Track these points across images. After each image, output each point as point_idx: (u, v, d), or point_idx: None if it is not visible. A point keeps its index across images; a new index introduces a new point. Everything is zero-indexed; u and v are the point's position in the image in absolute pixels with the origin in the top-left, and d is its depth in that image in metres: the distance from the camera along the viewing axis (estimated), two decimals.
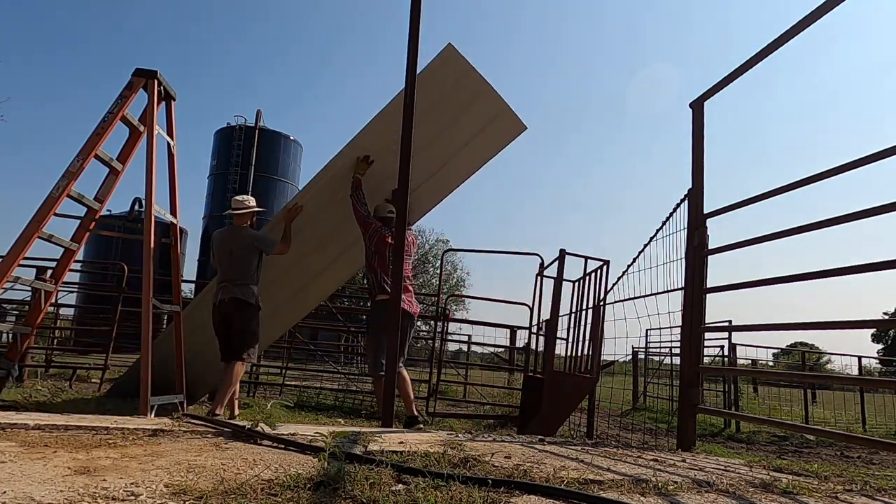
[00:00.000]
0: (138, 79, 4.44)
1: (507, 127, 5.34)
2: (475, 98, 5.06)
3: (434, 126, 5.02)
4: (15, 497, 1.60)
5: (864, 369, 13.99)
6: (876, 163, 2.92)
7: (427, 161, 5.18)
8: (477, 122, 5.21)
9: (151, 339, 4.03)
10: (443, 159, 5.38)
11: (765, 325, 3.81)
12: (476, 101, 5.08)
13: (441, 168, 5.46)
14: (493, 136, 5.37)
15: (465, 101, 5.07)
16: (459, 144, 5.34)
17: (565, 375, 6.00)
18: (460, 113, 5.14)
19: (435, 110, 4.92)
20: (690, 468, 2.77)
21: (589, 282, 6.08)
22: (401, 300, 4.06)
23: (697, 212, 4.21)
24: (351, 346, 15.39)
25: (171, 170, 4.87)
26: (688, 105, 4.36)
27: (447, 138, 5.26)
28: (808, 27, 3.35)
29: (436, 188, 5.64)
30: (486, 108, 5.16)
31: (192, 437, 2.75)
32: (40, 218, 3.96)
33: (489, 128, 5.28)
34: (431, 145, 5.14)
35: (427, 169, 5.30)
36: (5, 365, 4.31)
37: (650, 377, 12.65)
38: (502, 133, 5.39)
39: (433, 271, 45.07)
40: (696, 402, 4.05)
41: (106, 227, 14.45)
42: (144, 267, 4.14)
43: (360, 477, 1.99)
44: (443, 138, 5.22)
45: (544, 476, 2.26)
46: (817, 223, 3.23)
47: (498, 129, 5.32)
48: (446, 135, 5.23)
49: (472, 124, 5.22)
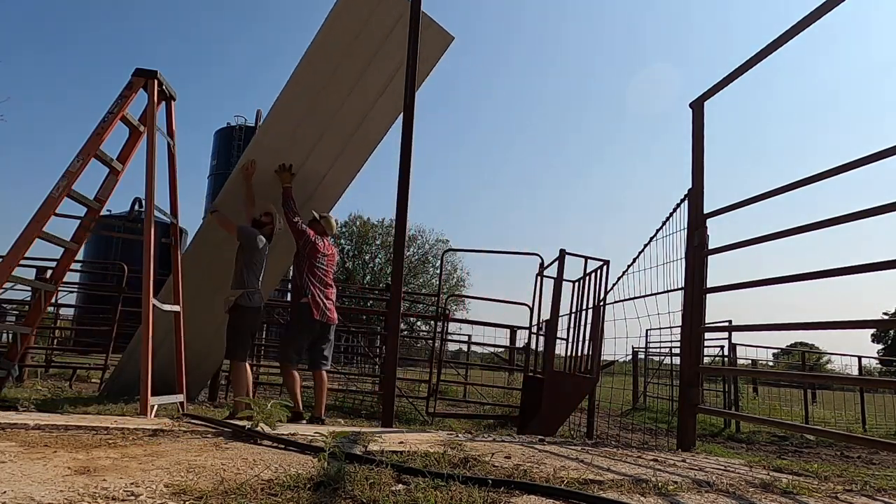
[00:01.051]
0: (138, 79, 4.44)
1: (434, 42, 5.12)
2: (398, 20, 4.88)
3: (362, 60, 4.95)
4: (15, 497, 1.60)
5: (864, 369, 13.99)
6: (876, 163, 2.93)
7: (363, 95, 5.10)
8: (404, 45, 4.90)
9: (151, 339, 4.03)
10: (378, 90, 5.20)
11: (765, 325, 3.81)
12: (399, 22, 4.88)
13: (378, 98, 5.25)
14: (423, 56, 4.98)
15: (388, 26, 4.92)
16: (391, 72, 5.13)
17: (565, 375, 6.00)
18: (384, 39, 4.98)
19: (360, 41, 4.85)
20: (690, 468, 2.77)
21: (589, 282, 6.08)
22: (400, 300, 4.07)
23: (697, 212, 4.21)
24: (351, 346, 15.40)
25: (171, 170, 4.87)
26: (688, 105, 4.36)
27: (378, 69, 5.09)
28: (808, 27, 3.35)
29: (378, 123, 5.41)
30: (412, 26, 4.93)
31: (192, 437, 2.75)
32: (40, 218, 3.96)
33: (418, 48, 4.95)
34: (364, 80, 5.04)
35: (362, 107, 5.19)
36: (5, 365, 4.31)
37: (650, 377, 12.65)
38: (430, 50, 5.11)
39: (433, 271, 45.09)
40: (696, 402, 4.05)
41: (106, 227, 14.45)
42: (144, 267, 4.13)
43: (360, 477, 1.99)
44: (373, 69, 5.08)
45: (544, 476, 2.26)
46: (817, 223, 3.23)
47: (425, 46, 4.98)
48: (376, 65, 5.07)
49: (400, 48, 4.92)
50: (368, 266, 45.69)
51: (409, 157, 4.31)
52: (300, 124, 5.14)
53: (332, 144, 5.32)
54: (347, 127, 5.30)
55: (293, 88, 4.99)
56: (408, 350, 19.12)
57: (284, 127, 5.12)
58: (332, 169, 5.48)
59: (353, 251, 45.83)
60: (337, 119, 5.22)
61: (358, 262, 45.56)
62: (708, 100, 4.25)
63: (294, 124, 5.12)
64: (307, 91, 5.02)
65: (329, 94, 5.09)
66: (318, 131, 5.22)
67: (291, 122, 5.11)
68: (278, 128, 5.14)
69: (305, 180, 5.36)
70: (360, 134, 5.37)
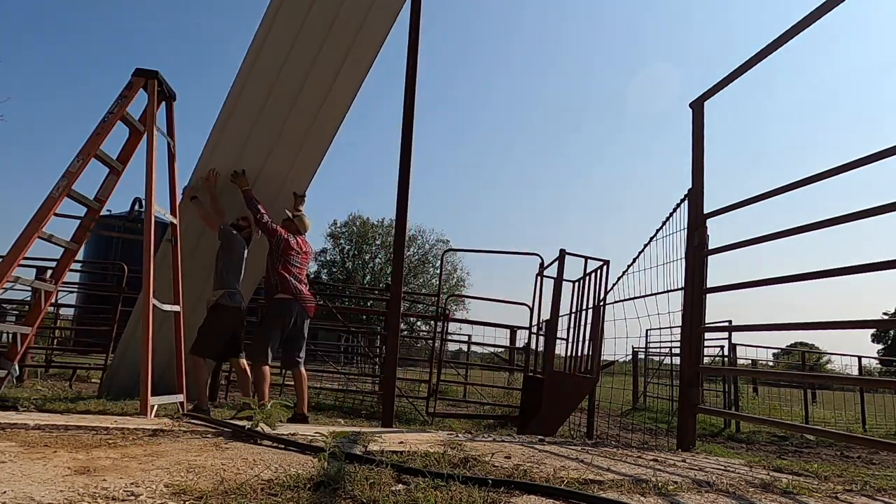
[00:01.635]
0: (138, 79, 4.44)
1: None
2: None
3: (323, 24, 4.88)
4: (15, 497, 1.59)
5: (864, 369, 13.99)
6: (876, 163, 2.93)
7: (328, 60, 5.03)
8: (359, 11, 4.90)
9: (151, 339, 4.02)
10: (342, 53, 5.09)
11: (765, 325, 3.81)
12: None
13: (344, 61, 5.13)
14: (380, 13, 4.98)
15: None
16: (353, 31, 5.02)
17: (565, 375, 6.00)
18: (338, 8, 4.90)
19: (311, 19, 4.80)
20: (690, 468, 2.77)
21: (589, 282, 6.08)
22: (400, 300, 4.07)
23: (697, 212, 4.21)
24: (351, 346, 15.40)
25: (171, 170, 4.87)
26: (688, 105, 4.37)
27: (339, 32, 4.98)
28: (808, 27, 3.35)
29: (346, 87, 5.25)
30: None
31: (192, 437, 2.75)
32: (40, 218, 3.95)
33: (375, 4, 4.96)
34: (327, 44, 4.97)
35: (332, 67, 5.09)
36: (5, 365, 4.31)
37: (650, 377, 12.64)
38: (387, 6, 5.00)
39: (433, 271, 45.10)
40: (696, 402, 4.05)
41: (106, 227, 14.43)
42: (144, 267, 4.13)
43: (360, 477, 1.99)
44: (334, 33, 4.97)
45: (544, 476, 2.27)
46: (817, 223, 3.23)
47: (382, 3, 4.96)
48: (337, 28, 4.97)
49: (355, 15, 4.89)
50: (368, 266, 45.69)
51: (409, 157, 4.32)
52: (259, 117, 5.09)
53: (296, 130, 5.22)
54: (307, 113, 5.20)
55: (247, 81, 4.94)
56: (408, 350, 19.14)
57: (242, 124, 5.08)
58: (297, 157, 5.37)
59: (353, 251, 45.84)
60: (298, 105, 5.14)
61: (358, 262, 45.56)
62: (708, 100, 4.25)
63: (252, 119, 5.09)
64: (261, 86, 4.98)
65: (285, 79, 5.01)
66: (278, 124, 5.16)
67: (250, 117, 5.08)
68: (235, 124, 5.10)
69: (272, 175, 5.32)
70: (325, 111, 5.24)
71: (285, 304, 4.86)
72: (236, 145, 5.15)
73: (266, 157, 5.26)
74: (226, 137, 5.12)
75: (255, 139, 5.18)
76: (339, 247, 46.18)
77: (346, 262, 45.37)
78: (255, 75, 4.96)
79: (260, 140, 5.19)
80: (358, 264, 45.47)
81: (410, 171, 4.44)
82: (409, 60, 4.47)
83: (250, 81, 4.98)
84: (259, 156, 5.23)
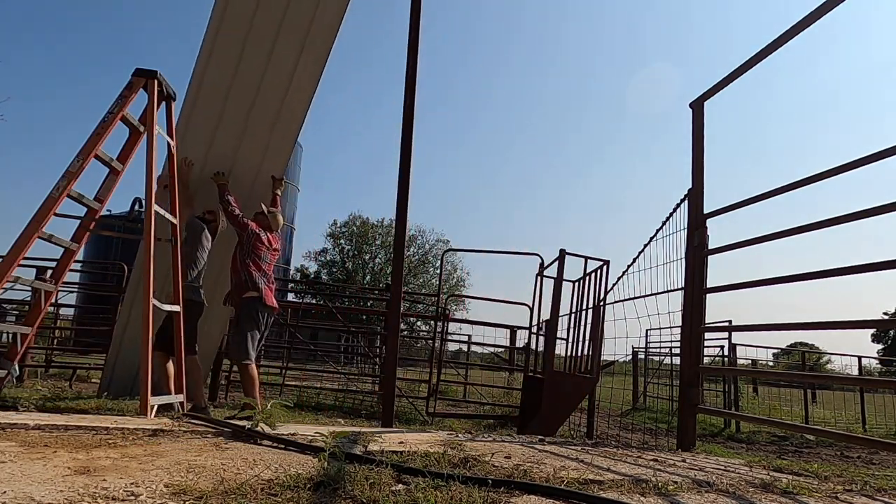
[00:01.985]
0: (138, 79, 4.43)
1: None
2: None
3: (277, 11, 4.82)
4: (15, 497, 1.59)
5: (864, 369, 13.99)
6: (876, 163, 2.93)
7: (286, 47, 4.96)
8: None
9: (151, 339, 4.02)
10: (300, 41, 5.00)
11: (765, 325, 3.81)
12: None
13: (301, 52, 5.06)
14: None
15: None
16: (306, 26, 4.93)
17: (565, 375, 6.00)
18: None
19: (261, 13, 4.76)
20: (690, 468, 2.77)
21: (589, 282, 6.08)
22: (400, 300, 4.07)
23: (697, 212, 4.21)
24: (351, 346, 15.40)
25: (171, 170, 4.87)
26: (688, 105, 4.37)
27: (294, 17, 4.90)
28: (807, 27, 3.35)
29: (308, 74, 5.17)
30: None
31: (192, 437, 2.75)
32: (40, 218, 3.95)
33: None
34: (281, 35, 4.91)
35: (292, 55, 5.02)
36: (5, 365, 4.31)
37: (650, 377, 12.65)
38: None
39: (433, 271, 45.10)
40: (696, 402, 4.05)
41: (106, 227, 14.44)
42: (144, 267, 4.14)
43: (360, 477, 1.99)
44: (289, 21, 4.90)
45: (544, 476, 2.27)
46: (817, 223, 3.23)
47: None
48: (291, 16, 4.90)
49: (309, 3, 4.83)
50: (368, 266, 45.70)
51: (409, 156, 4.32)
52: (224, 107, 5.06)
53: (260, 122, 5.18)
54: (270, 107, 5.14)
55: (206, 72, 4.93)
56: (408, 350, 19.14)
57: (208, 114, 5.05)
58: (268, 144, 5.31)
59: (353, 251, 45.84)
60: (261, 94, 5.08)
61: (358, 262, 45.56)
62: (708, 100, 4.25)
63: (218, 110, 5.06)
64: (222, 76, 4.96)
65: (244, 71, 4.96)
66: (242, 114, 5.12)
67: (215, 108, 5.05)
68: (201, 114, 5.07)
69: (246, 162, 5.28)
70: (287, 106, 5.19)
71: (258, 302, 4.84)
72: (206, 132, 5.09)
73: (238, 145, 5.18)
74: (193, 127, 5.08)
75: (223, 129, 5.12)
76: (339, 247, 46.19)
77: (346, 262, 45.36)
78: (214, 67, 4.90)
79: (229, 129, 5.13)
80: (358, 264, 45.47)
81: (410, 171, 4.44)
82: (409, 60, 4.47)
83: (209, 73, 4.93)
84: (230, 143, 5.16)
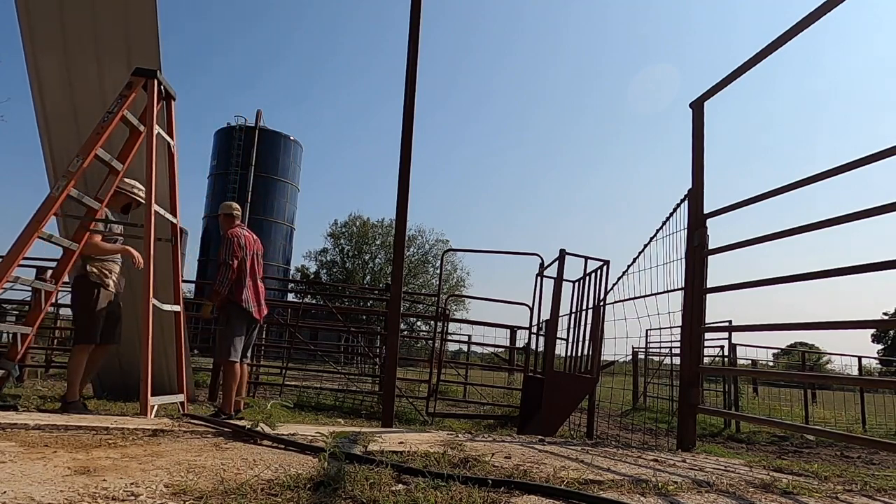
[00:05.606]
0: (138, 78, 4.43)
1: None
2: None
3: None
4: (15, 497, 1.59)
5: (864, 369, 14.00)
6: (876, 163, 2.93)
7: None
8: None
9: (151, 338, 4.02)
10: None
11: (765, 325, 3.81)
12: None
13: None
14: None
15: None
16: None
17: (565, 375, 6.00)
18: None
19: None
20: (690, 468, 2.77)
21: (589, 282, 6.08)
22: (400, 300, 4.07)
23: (697, 212, 4.21)
24: (351, 346, 15.40)
25: (170, 170, 4.86)
26: (688, 105, 4.37)
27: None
28: (807, 27, 3.35)
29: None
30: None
31: (192, 437, 2.75)
32: (40, 218, 3.95)
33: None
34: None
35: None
36: (5, 365, 4.30)
37: (650, 377, 12.65)
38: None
39: (433, 271, 45.12)
40: (696, 402, 4.05)
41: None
42: (144, 266, 4.15)
43: (360, 477, 1.99)
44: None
45: (544, 476, 2.27)
46: (817, 223, 3.23)
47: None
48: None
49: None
50: (368, 266, 45.73)
51: (409, 157, 4.31)
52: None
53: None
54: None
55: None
56: (408, 350, 19.14)
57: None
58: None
59: (352, 251, 45.86)
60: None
61: (358, 262, 45.58)
62: (708, 100, 4.25)
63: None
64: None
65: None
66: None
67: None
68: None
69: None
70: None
71: (246, 306, 4.89)
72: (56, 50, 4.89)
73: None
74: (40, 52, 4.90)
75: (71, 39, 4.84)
76: (339, 247, 46.21)
77: (346, 262, 45.39)
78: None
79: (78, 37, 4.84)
80: (358, 264, 45.49)
81: (410, 171, 4.44)
82: (409, 60, 4.47)
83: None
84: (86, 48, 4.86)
